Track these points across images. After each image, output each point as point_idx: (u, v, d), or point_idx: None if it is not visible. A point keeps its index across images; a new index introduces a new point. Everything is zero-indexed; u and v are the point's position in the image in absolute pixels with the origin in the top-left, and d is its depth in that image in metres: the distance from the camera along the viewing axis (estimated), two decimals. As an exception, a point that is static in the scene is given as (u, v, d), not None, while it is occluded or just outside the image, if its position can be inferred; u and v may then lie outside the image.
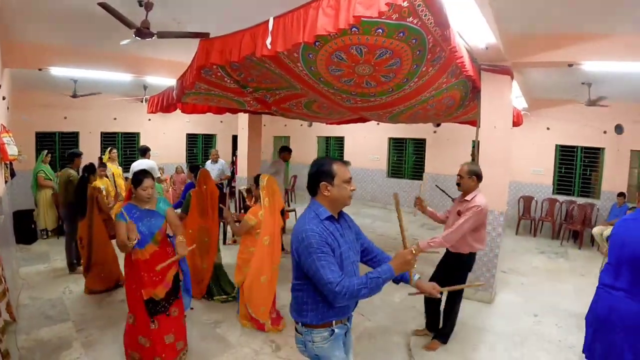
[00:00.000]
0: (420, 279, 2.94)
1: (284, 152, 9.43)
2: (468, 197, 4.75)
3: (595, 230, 9.67)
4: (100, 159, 10.16)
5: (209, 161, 11.23)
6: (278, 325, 5.35)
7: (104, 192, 8.52)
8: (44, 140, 12.06)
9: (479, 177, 4.78)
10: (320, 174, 2.68)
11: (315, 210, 2.66)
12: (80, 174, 6.87)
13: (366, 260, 3.05)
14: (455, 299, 4.97)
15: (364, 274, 2.55)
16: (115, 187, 9.24)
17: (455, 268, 4.80)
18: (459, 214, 4.75)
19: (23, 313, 5.47)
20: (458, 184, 4.84)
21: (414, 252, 2.59)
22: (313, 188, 2.72)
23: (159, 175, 9.26)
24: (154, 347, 4.22)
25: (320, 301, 2.63)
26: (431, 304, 5.11)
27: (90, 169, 6.78)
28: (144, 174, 4.21)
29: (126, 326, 4.39)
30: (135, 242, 3.94)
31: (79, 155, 7.74)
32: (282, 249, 5.60)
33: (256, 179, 5.47)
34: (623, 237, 3.30)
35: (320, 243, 2.50)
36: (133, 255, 4.10)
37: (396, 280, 2.87)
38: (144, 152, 9.37)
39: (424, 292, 2.94)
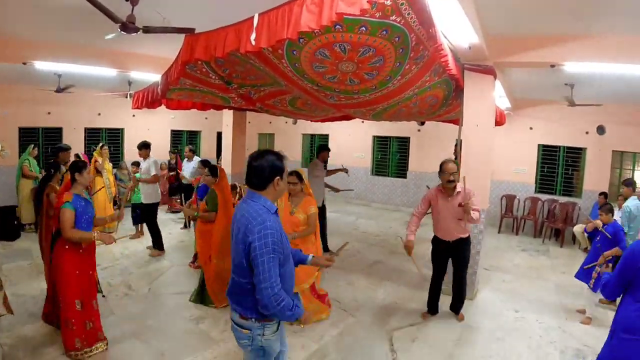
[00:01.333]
0: (314, 257, 3.29)
1: (323, 151, 8.80)
2: (459, 189, 5.27)
3: (577, 229, 9.81)
4: (77, 155, 9.94)
5: (185, 159, 10.74)
6: (323, 302, 5.76)
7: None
8: (27, 136, 11.91)
9: None
10: (276, 168, 2.71)
11: (264, 204, 2.69)
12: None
13: None
14: (463, 273, 5.61)
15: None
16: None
17: (467, 249, 5.57)
18: (462, 205, 5.12)
19: (5, 309, 5.44)
20: (452, 181, 5.22)
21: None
22: (265, 182, 2.72)
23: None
24: (95, 327, 4.56)
25: None
26: (436, 286, 5.79)
27: (55, 166, 6.49)
28: (83, 161, 4.67)
29: (71, 316, 4.37)
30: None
31: (66, 149, 7.68)
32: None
33: (296, 173, 5.23)
34: None
35: (276, 242, 2.56)
36: (85, 243, 4.39)
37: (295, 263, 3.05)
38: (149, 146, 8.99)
39: (321, 264, 3.39)
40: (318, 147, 8.88)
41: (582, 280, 5.88)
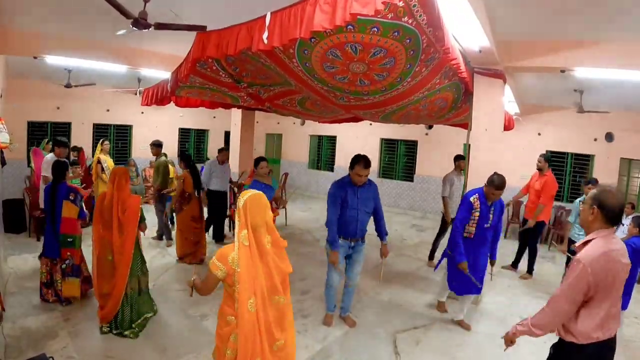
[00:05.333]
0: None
1: (460, 160, 8.16)
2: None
3: (583, 236, 9.74)
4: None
5: (213, 160, 9.03)
6: None
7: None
8: (36, 130, 11.99)
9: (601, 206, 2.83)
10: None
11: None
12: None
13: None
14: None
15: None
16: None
17: None
18: None
19: (10, 301, 5.45)
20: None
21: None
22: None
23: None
24: None
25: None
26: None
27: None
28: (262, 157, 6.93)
29: None
30: None
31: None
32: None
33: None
34: None
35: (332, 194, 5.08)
36: None
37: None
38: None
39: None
40: (455, 157, 8.33)
41: None
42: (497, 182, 5.20)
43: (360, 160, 5.02)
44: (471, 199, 5.36)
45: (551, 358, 3.21)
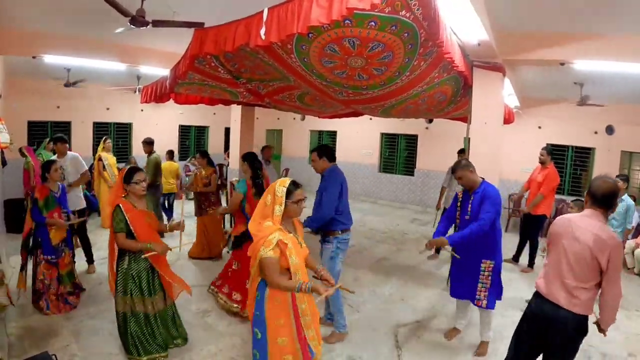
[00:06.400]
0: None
1: (461, 153, 8.23)
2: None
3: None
4: (20, 150, 9.30)
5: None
6: None
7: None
8: (36, 129, 11.99)
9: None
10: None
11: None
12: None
13: None
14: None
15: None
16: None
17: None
18: None
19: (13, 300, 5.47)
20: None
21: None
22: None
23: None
24: None
25: None
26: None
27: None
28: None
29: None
30: None
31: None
32: None
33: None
34: None
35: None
36: None
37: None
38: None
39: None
40: (458, 151, 8.60)
41: None
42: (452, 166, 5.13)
43: None
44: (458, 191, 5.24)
45: None
